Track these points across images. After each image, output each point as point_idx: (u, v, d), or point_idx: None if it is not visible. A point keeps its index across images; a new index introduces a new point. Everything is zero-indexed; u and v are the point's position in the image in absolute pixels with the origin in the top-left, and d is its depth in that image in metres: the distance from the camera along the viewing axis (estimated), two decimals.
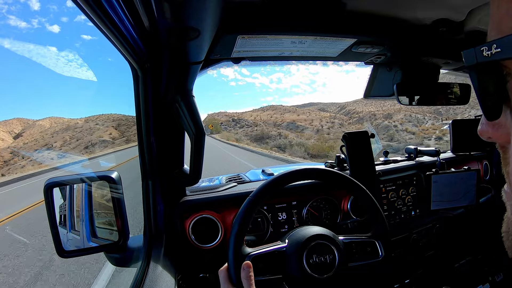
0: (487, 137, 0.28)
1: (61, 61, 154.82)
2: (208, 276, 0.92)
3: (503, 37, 0.22)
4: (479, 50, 0.24)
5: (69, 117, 67.89)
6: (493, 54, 0.23)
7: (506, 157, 0.27)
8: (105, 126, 59.63)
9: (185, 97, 0.78)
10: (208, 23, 0.54)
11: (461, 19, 0.74)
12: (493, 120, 0.26)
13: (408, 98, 0.94)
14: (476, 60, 0.25)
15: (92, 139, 50.48)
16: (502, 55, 0.23)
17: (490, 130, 0.27)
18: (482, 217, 1.30)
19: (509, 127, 0.25)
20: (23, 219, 5.31)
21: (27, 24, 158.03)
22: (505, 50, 0.22)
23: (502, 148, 0.27)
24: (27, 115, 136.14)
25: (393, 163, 1.31)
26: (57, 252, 0.72)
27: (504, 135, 0.26)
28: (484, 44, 0.24)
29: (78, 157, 36.21)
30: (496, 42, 0.23)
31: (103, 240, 0.79)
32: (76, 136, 53.47)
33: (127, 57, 0.70)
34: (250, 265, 0.63)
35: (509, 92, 0.24)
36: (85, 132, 55.21)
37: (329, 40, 0.79)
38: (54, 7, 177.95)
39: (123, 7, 0.55)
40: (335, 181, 0.80)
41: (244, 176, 1.27)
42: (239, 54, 0.83)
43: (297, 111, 67.32)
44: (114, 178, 0.75)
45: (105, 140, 48.84)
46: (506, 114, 0.25)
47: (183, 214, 0.93)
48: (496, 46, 0.23)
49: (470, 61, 0.25)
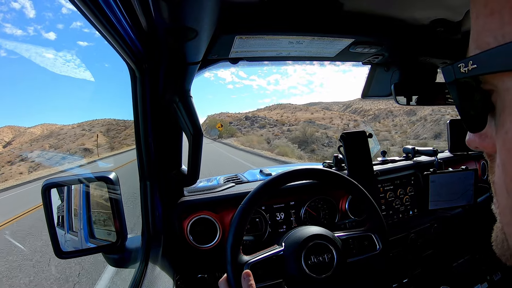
0: (474, 147, 0.28)
1: (58, 63, 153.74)
2: (206, 276, 0.92)
3: (479, 53, 0.23)
4: (457, 66, 0.25)
5: (62, 124, 62.32)
6: (469, 70, 0.24)
7: (492, 166, 0.27)
8: (92, 131, 54.77)
9: (183, 98, 0.78)
10: (206, 23, 0.54)
11: (458, 19, 0.74)
12: (476, 132, 0.27)
13: (406, 98, 0.94)
14: (455, 76, 0.25)
15: (72, 147, 46.15)
16: (478, 71, 0.23)
17: (477, 140, 0.28)
18: (480, 216, 1.30)
19: (495, 138, 0.25)
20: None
21: (23, 32, 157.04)
22: (480, 67, 0.23)
23: (489, 157, 0.28)
24: (20, 122, 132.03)
25: (391, 163, 1.32)
26: (55, 253, 0.72)
27: (490, 145, 0.26)
28: (461, 60, 0.24)
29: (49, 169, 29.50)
30: (472, 58, 0.23)
31: (101, 241, 0.78)
32: (56, 144, 49.38)
33: (124, 58, 0.70)
34: (249, 274, 0.63)
35: (495, 104, 0.24)
36: (68, 139, 50.96)
37: (327, 41, 0.79)
38: (50, 14, 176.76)
39: (120, 8, 0.55)
40: (332, 180, 0.80)
41: (242, 176, 1.27)
42: (237, 54, 0.83)
43: (309, 109, 62.58)
44: (111, 178, 0.75)
45: (86, 148, 44.37)
46: (492, 125, 0.25)
47: (181, 215, 0.93)
48: (472, 63, 0.23)
49: (449, 77, 0.26)
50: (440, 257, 1.21)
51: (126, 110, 0.90)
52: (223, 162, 11.65)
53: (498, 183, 0.26)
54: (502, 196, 0.26)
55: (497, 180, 0.26)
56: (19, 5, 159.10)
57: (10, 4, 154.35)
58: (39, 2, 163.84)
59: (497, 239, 0.28)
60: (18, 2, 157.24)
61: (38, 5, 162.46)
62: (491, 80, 0.23)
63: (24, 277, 3.13)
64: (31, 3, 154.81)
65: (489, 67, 0.22)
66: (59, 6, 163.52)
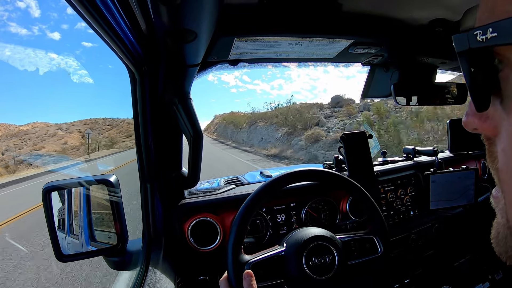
0: (472, 128, 0.26)
1: (56, 63, 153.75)
2: (208, 278, 0.92)
3: (500, 20, 0.20)
4: (472, 34, 0.22)
5: (55, 122, 56.10)
6: (488, 39, 0.21)
7: (491, 150, 0.26)
8: (69, 131, 46.49)
9: (183, 100, 0.78)
10: (205, 25, 0.54)
11: (457, 19, 0.74)
12: (482, 111, 0.24)
13: (405, 98, 0.95)
14: (469, 45, 0.22)
15: (28, 151, 36.96)
16: (498, 41, 0.20)
17: (477, 121, 0.26)
18: (481, 215, 1.30)
19: (498, 119, 0.24)
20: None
21: (27, 31, 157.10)
22: (502, 35, 0.20)
23: (487, 140, 0.26)
24: (14, 120, 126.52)
25: (391, 164, 1.31)
26: (56, 256, 0.72)
27: (491, 127, 0.24)
28: (477, 27, 0.22)
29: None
30: (491, 25, 0.20)
31: (102, 243, 0.78)
32: (18, 145, 41.43)
33: (124, 60, 0.70)
34: (251, 274, 0.63)
35: (501, 82, 0.22)
36: (32, 140, 43.02)
37: (326, 42, 0.79)
38: (55, 14, 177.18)
39: (120, 11, 0.55)
40: (332, 181, 0.80)
41: (243, 178, 1.27)
42: (236, 56, 0.83)
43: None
44: (112, 181, 0.75)
45: (46, 153, 35.59)
46: (496, 105, 0.23)
47: (181, 217, 0.92)
48: (492, 30, 0.20)
49: (462, 46, 0.23)
50: (442, 257, 1.21)
51: (124, 109, 0.87)
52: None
53: (504, 169, 0.24)
54: (510, 184, 0.23)
55: (503, 167, 0.24)
56: (24, 5, 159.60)
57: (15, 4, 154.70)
58: (41, 3, 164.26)
59: (499, 236, 0.27)
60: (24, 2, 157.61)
61: (41, 6, 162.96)
62: (505, 53, 0.21)
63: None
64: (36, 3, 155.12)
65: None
66: (59, 8, 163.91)
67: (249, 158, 12.90)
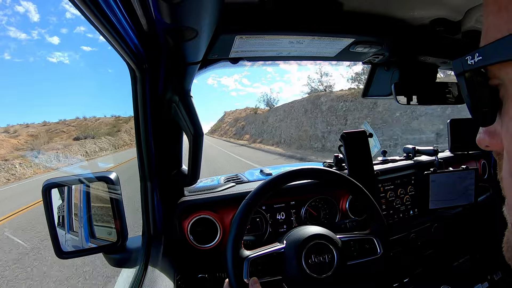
0: (484, 146, 0.29)
1: (55, 61, 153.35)
2: (207, 276, 0.92)
3: (485, 45, 0.24)
4: (465, 59, 0.26)
5: (43, 121, 45.29)
6: (475, 62, 0.25)
7: (500, 164, 0.27)
8: (16, 135, 32.73)
9: (183, 98, 0.78)
10: (206, 23, 0.54)
11: (458, 19, 0.74)
12: (486, 126, 0.28)
13: (406, 97, 0.94)
14: (463, 68, 0.27)
15: None
16: (483, 62, 0.25)
17: (487, 138, 0.28)
18: (481, 216, 1.30)
19: (501, 134, 0.26)
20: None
21: (26, 36, 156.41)
22: (485, 58, 0.24)
23: (498, 155, 0.28)
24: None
25: (391, 163, 1.31)
26: (56, 253, 0.72)
27: (499, 143, 0.27)
28: (469, 54, 0.26)
29: None
30: (478, 51, 0.25)
31: (102, 240, 0.79)
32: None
33: (125, 58, 0.70)
34: (256, 281, 0.64)
35: (502, 100, 0.25)
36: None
37: (327, 40, 0.79)
38: (54, 18, 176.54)
39: (121, 8, 0.55)
40: (333, 180, 0.80)
41: (243, 176, 1.27)
42: (237, 54, 0.83)
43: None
44: (112, 178, 0.75)
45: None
46: (499, 122, 0.26)
47: (181, 215, 0.93)
48: (478, 55, 0.25)
49: (458, 70, 0.27)
50: (441, 256, 1.21)
51: (122, 108, 0.87)
52: None
53: (507, 177, 0.26)
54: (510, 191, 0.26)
55: (506, 175, 0.26)
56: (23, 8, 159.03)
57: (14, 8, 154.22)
58: (41, 4, 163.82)
59: (509, 241, 0.28)
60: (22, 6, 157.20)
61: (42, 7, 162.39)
62: (497, 74, 0.25)
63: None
64: (35, 7, 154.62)
65: (493, 57, 0.24)
66: (60, 8, 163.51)
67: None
